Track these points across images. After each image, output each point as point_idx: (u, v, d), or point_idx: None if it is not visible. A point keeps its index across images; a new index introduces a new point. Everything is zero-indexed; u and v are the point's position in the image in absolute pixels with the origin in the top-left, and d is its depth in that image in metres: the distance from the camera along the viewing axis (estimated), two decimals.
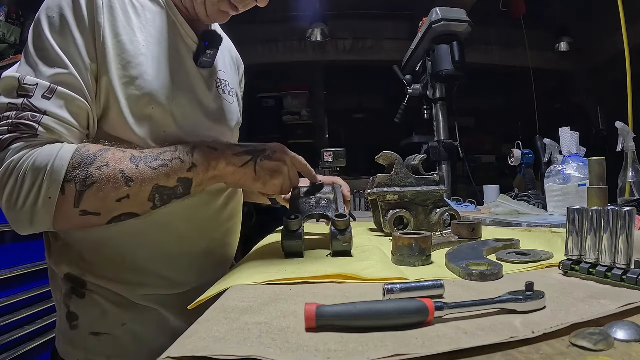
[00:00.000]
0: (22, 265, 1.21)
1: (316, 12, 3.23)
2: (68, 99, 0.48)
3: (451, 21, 1.43)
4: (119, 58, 0.52)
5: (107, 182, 0.46)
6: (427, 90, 1.58)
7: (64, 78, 0.48)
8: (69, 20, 0.49)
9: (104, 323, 0.55)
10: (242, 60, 0.83)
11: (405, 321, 0.25)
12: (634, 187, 0.89)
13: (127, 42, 0.52)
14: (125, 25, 0.53)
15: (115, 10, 0.52)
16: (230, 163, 0.52)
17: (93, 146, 0.48)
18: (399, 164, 0.68)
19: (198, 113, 0.60)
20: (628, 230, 0.31)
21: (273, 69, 3.65)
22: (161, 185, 0.49)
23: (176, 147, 0.51)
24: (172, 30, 0.58)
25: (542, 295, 0.27)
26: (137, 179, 0.47)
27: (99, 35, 0.50)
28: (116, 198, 0.47)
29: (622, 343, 0.22)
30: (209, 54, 0.62)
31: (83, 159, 0.46)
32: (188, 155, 0.50)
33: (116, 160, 0.47)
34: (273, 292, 0.34)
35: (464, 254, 0.44)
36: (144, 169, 0.48)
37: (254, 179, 0.53)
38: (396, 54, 2.84)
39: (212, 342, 0.23)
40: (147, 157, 0.49)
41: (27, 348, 1.17)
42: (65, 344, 0.57)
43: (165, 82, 0.55)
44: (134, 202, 0.48)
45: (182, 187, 0.50)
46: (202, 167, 0.50)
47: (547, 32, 3.56)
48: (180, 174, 0.49)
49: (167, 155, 0.50)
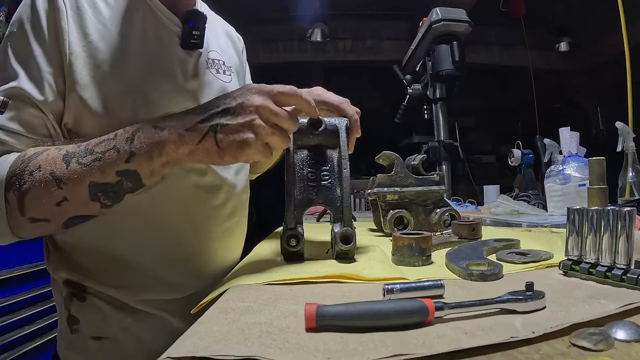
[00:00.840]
0: (22, 266, 1.21)
1: (316, 12, 3.23)
2: (19, 110, 0.48)
3: (451, 21, 1.43)
4: (91, 58, 0.51)
5: (39, 187, 0.42)
6: (427, 90, 1.58)
7: (17, 91, 0.48)
8: (27, 31, 0.49)
9: (105, 327, 0.55)
10: (239, 35, 0.80)
11: (405, 321, 0.25)
12: (634, 187, 0.88)
13: (98, 39, 0.51)
14: (96, 22, 0.52)
15: (82, 10, 0.51)
16: (182, 142, 0.41)
17: (32, 150, 0.46)
18: (399, 164, 0.68)
19: (184, 100, 0.58)
20: (628, 230, 0.31)
21: (273, 69, 3.65)
22: (98, 182, 0.43)
23: (115, 134, 0.44)
24: (150, 17, 0.57)
25: (542, 295, 0.27)
26: (68, 180, 0.42)
27: (64, 39, 0.49)
28: (55, 202, 0.43)
29: (622, 343, 0.22)
30: (195, 34, 0.60)
31: (18, 165, 0.44)
32: (127, 142, 0.42)
33: (48, 162, 0.43)
34: (273, 292, 0.34)
35: (464, 254, 0.44)
36: (75, 167, 0.42)
37: (218, 154, 0.41)
38: (396, 54, 2.84)
39: (212, 342, 0.23)
40: (80, 153, 0.43)
41: (27, 348, 1.17)
42: (67, 349, 0.56)
43: (146, 73, 0.54)
44: (76, 204, 0.44)
45: (127, 180, 0.43)
46: (145, 156, 0.42)
47: (547, 32, 3.56)
48: (117, 167, 0.42)
49: (102, 147, 0.43)
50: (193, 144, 0.41)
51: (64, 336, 0.56)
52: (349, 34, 3.59)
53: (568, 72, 3.85)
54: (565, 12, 3.33)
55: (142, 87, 0.53)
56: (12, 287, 1.18)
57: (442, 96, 1.56)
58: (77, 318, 0.55)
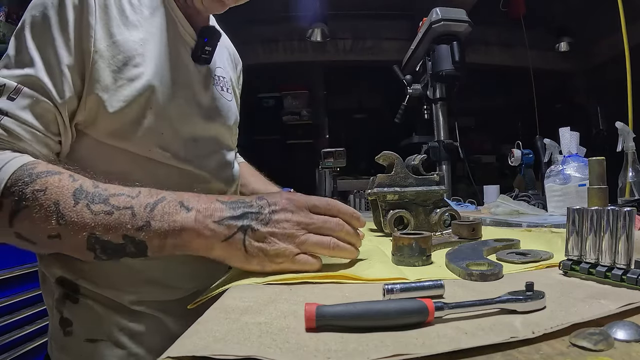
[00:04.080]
0: (21, 266, 1.21)
1: (316, 12, 3.23)
2: (33, 100, 0.45)
3: (451, 21, 1.43)
4: (114, 60, 0.50)
5: (38, 210, 0.39)
6: (427, 90, 1.58)
7: (32, 79, 0.46)
8: (51, 19, 0.47)
9: (99, 329, 0.54)
10: (239, 57, 0.81)
11: (405, 321, 0.25)
12: (634, 187, 0.88)
13: (122, 41, 0.51)
14: (120, 24, 0.51)
15: (109, 9, 0.50)
16: (204, 235, 0.38)
17: (44, 165, 0.42)
18: (399, 164, 0.68)
19: (195, 112, 0.59)
20: (628, 230, 0.31)
21: (273, 69, 3.65)
22: (100, 237, 0.39)
23: (138, 192, 0.40)
24: (171, 26, 0.57)
25: (542, 295, 0.27)
26: (70, 219, 0.39)
27: (89, 36, 0.48)
28: (47, 234, 0.39)
29: (622, 343, 0.22)
30: (207, 50, 0.61)
31: (24, 176, 0.40)
32: (146, 209, 0.39)
33: (57, 188, 0.40)
34: (273, 292, 0.34)
35: (464, 254, 0.44)
36: (81, 210, 0.39)
37: (245, 258, 0.38)
38: (396, 54, 2.84)
39: (212, 342, 0.23)
40: (93, 196, 0.40)
41: (27, 348, 1.17)
42: (59, 351, 0.55)
43: (164, 81, 0.54)
44: (68, 245, 0.40)
45: (131, 246, 0.39)
46: (160, 232, 0.38)
47: (547, 32, 3.56)
48: (127, 231, 0.38)
49: (119, 201, 0.39)
50: (217, 240, 0.38)
51: (57, 339, 0.55)
52: (349, 34, 3.60)
53: (568, 72, 3.85)
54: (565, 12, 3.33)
55: (158, 95, 0.53)
56: (12, 287, 1.18)
57: (442, 96, 1.56)
58: (70, 320, 0.54)
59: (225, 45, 0.76)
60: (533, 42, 3.12)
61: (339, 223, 0.40)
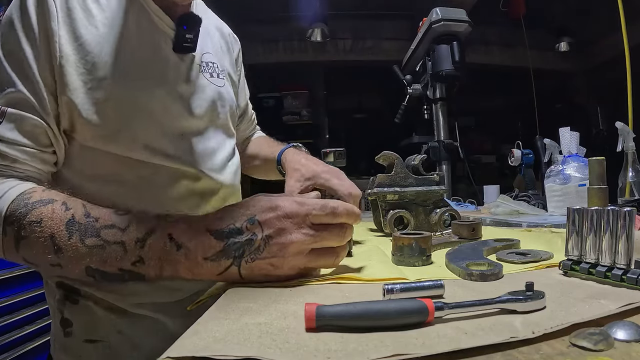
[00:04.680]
0: (21, 266, 1.21)
1: (316, 12, 3.23)
2: (19, 120, 0.46)
3: (451, 21, 1.43)
4: (82, 62, 0.49)
5: (36, 242, 0.40)
6: (427, 90, 1.58)
7: (14, 98, 0.46)
8: (18, 33, 0.47)
9: (99, 330, 0.54)
10: (235, 36, 0.79)
11: (405, 321, 0.25)
12: (634, 187, 0.88)
13: (90, 42, 0.49)
14: (87, 24, 0.50)
15: (73, 11, 0.49)
16: (197, 270, 0.37)
17: (38, 193, 0.43)
18: (399, 164, 0.68)
19: (179, 106, 0.57)
20: (628, 230, 0.31)
21: (273, 69, 3.65)
22: (98, 268, 0.40)
23: (127, 224, 0.39)
24: (144, 20, 0.55)
25: (542, 295, 0.27)
26: (67, 252, 0.40)
27: (54, 42, 0.48)
28: (48, 263, 0.41)
29: (622, 343, 0.22)
30: (188, 38, 0.58)
31: (20, 207, 0.41)
32: (136, 245, 0.38)
33: (51, 220, 0.40)
34: (273, 292, 0.34)
35: (464, 254, 0.44)
36: (75, 244, 0.39)
37: (241, 280, 0.38)
38: (396, 54, 2.84)
39: (212, 342, 0.23)
40: (84, 229, 0.40)
41: (26, 348, 1.16)
42: (60, 351, 0.55)
43: (140, 77, 0.53)
44: (69, 272, 0.42)
45: (129, 276, 0.40)
46: (154, 266, 0.38)
47: (547, 32, 3.56)
48: (122, 265, 0.39)
49: (109, 235, 0.39)
50: (211, 274, 0.37)
51: (58, 339, 0.55)
52: (349, 34, 3.59)
53: (568, 72, 3.85)
54: (565, 12, 3.33)
55: (134, 92, 0.52)
56: (12, 287, 1.18)
57: (442, 96, 1.56)
58: (70, 321, 0.54)
59: (217, 26, 0.73)
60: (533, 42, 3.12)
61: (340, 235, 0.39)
